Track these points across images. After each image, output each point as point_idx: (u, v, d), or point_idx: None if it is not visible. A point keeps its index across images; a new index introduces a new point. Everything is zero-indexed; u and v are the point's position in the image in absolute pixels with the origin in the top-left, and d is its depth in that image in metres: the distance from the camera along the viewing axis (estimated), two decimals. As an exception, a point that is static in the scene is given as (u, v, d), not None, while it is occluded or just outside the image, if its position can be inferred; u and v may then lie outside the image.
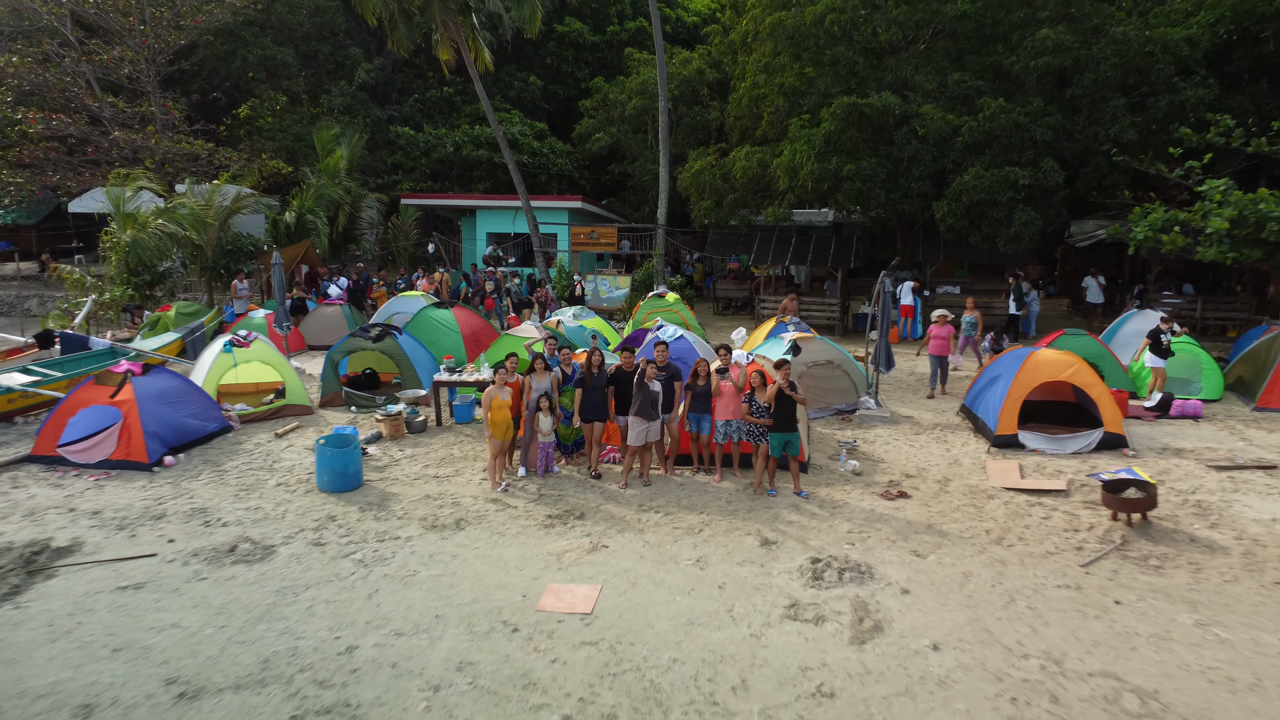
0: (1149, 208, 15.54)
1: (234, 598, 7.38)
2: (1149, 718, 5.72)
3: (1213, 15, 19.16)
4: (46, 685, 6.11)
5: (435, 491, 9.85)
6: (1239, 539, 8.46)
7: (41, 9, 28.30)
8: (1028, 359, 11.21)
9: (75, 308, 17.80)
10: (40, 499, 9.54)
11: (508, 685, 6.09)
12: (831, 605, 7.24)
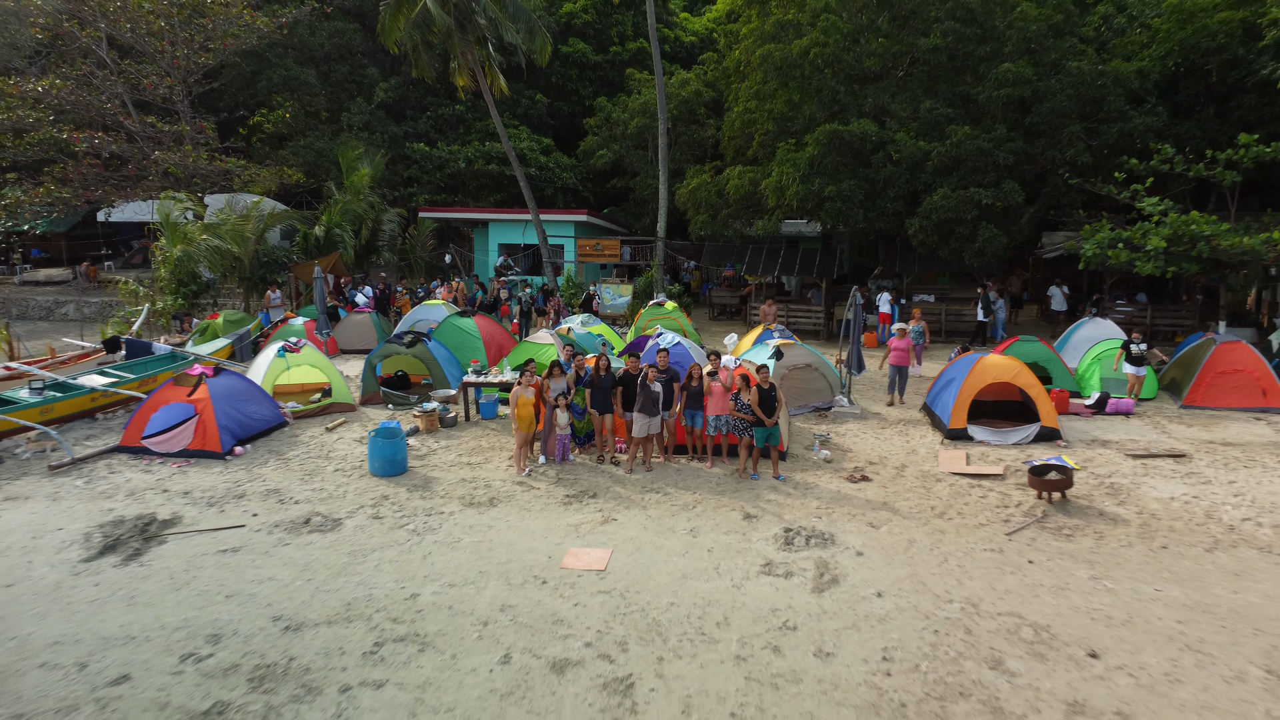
0: (1097, 226, 17.13)
1: (314, 558, 8.96)
2: (1039, 643, 7.32)
3: (1162, 49, 20.77)
4: (180, 621, 7.70)
5: (469, 476, 11.43)
6: (1139, 514, 10.05)
7: (80, 33, 29.80)
8: (977, 364, 12.80)
9: (133, 315, 19.33)
10: (136, 482, 11.11)
11: (541, 621, 7.68)
12: (798, 564, 8.83)
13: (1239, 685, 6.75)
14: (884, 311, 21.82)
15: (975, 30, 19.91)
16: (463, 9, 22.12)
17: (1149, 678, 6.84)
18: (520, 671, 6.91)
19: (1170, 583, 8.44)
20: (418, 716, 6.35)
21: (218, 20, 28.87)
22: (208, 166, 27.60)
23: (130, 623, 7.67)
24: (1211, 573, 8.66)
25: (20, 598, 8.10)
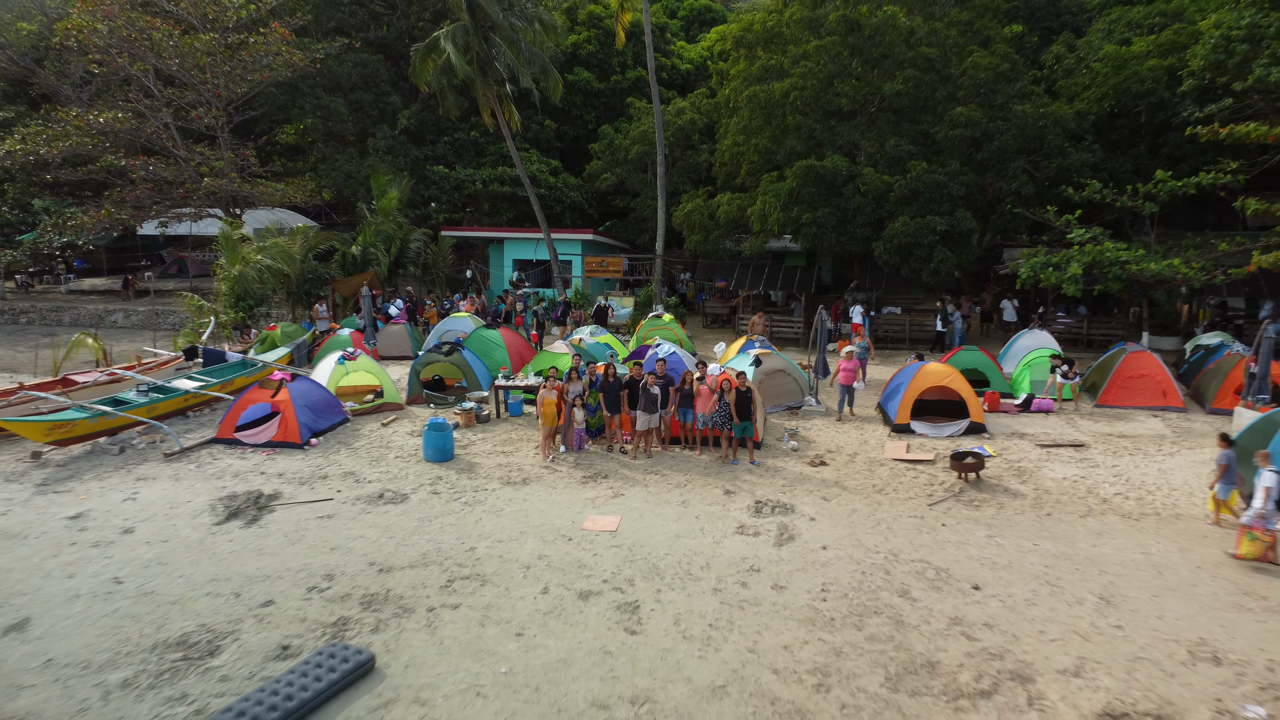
0: (1031, 251, 19.53)
1: (391, 523, 11.35)
2: (938, 580, 9.71)
3: (1099, 92, 23.19)
4: (300, 565, 10.08)
5: (504, 462, 13.82)
6: (1035, 490, 12.45)
7: (131, 67, 32.07)
8: (919, 371, 15.20)
9: (200, 327, 21.65)
10: (236, 466, 13.49)
11: (569, 566, 10.06)
12: (765, 527, 11.22)
13: (1077, 607, 9.16)
14: (856, 322, 24.16)
15: (934, 77, 22.30)
16: (483, 57, 24.51)
17: (1013, 602, 9.24)
18: (556, 598, 9.31)
19: (1046, 539, 10.84)
20: (485, 626, 8.74)
21: (257, 55, 31.19)
22: (250, 190, 29.95)
23: (263, 566, 10.06)
24: (1080, 532, 11.06)
25: (176, 550, 10.49)
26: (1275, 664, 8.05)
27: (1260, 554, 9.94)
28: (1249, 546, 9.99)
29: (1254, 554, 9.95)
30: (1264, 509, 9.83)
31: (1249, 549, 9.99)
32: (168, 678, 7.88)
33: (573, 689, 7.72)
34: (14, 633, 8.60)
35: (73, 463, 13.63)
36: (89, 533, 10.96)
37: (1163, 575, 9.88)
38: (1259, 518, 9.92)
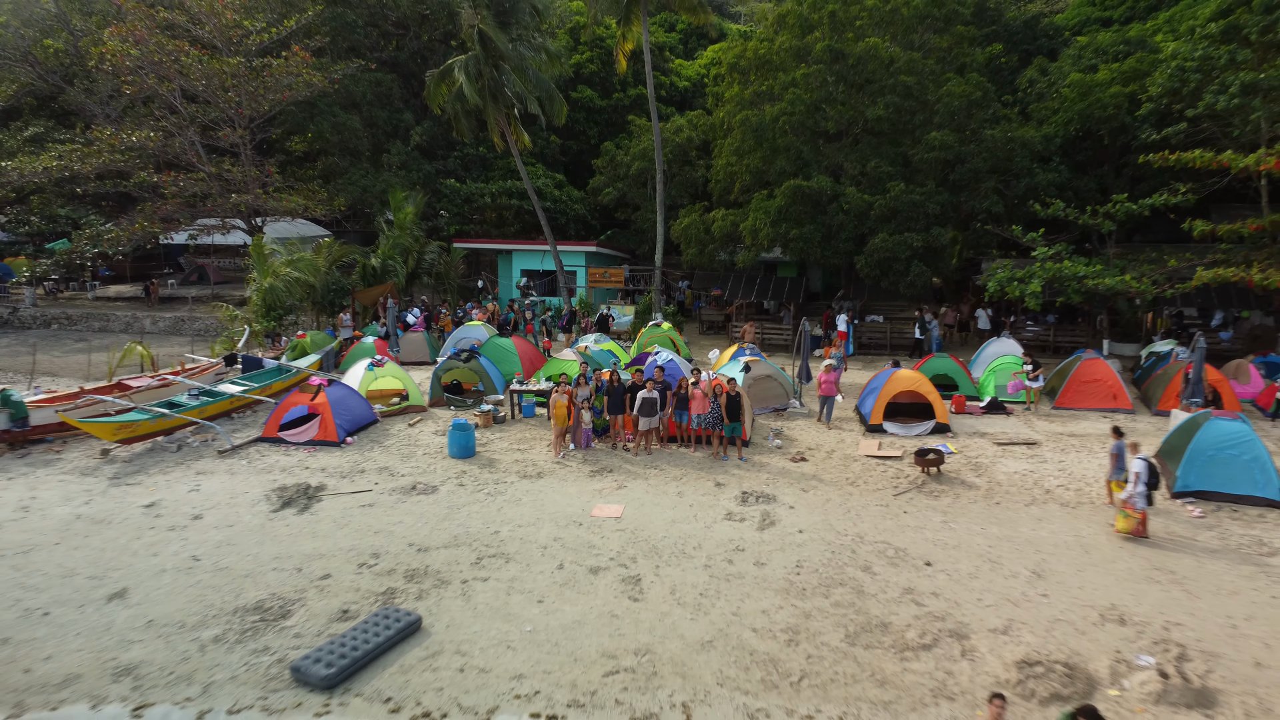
0: (998, 265, 21.05)
1: (425, 510, 12.85)
2: (896, 558, 11.21)
3: (1065, 116, 24.73)
4: (350, 545, 11.58)
5: (520, 458, 15.32)
6: (988, 482, 13.96)
7: (160, 89, 33.52)
8: (891, 376, 16.70)
9: (236, 336, 23.11)
10: (283, 462, 15.00)
11: (580, 546, 11.57)
12: (749, 514, 12.72)
13: (1012, 579, 10.67)
14: (841, 330, 25.66)
15: (912, 103, 23.79)
16: (494, 84, 26.02)
17: (959, 575, 10.76)
18: (570, 573, 10.82)
19: (993, 524, 12.36)
20: (511, 595, 10.26)
21: (279, 76, 32.64)
22: (274, 205, 31.47)
23: (318, 547, 11.57)
24: (1022, 518, 12.58)
25: (241, 534, 12.00)
26: (1170, 625, 9.57)
27: (1132, 528, 11.67)
28: (1123, 522, 11.75)
29: (1127, 528, 11.71)
30: (1134, 491, 11.52)
31: (1123, 524, 11.74)
32: (250, 634, 9.40)
33: (586, 643, 9.23)
34: (117, 600, 10.12)
35: (137, 459, 15.14)
36: (164, 519, 12.47)
37: (1088, 554, 11.39)
38: (1130, 498, 11.61)
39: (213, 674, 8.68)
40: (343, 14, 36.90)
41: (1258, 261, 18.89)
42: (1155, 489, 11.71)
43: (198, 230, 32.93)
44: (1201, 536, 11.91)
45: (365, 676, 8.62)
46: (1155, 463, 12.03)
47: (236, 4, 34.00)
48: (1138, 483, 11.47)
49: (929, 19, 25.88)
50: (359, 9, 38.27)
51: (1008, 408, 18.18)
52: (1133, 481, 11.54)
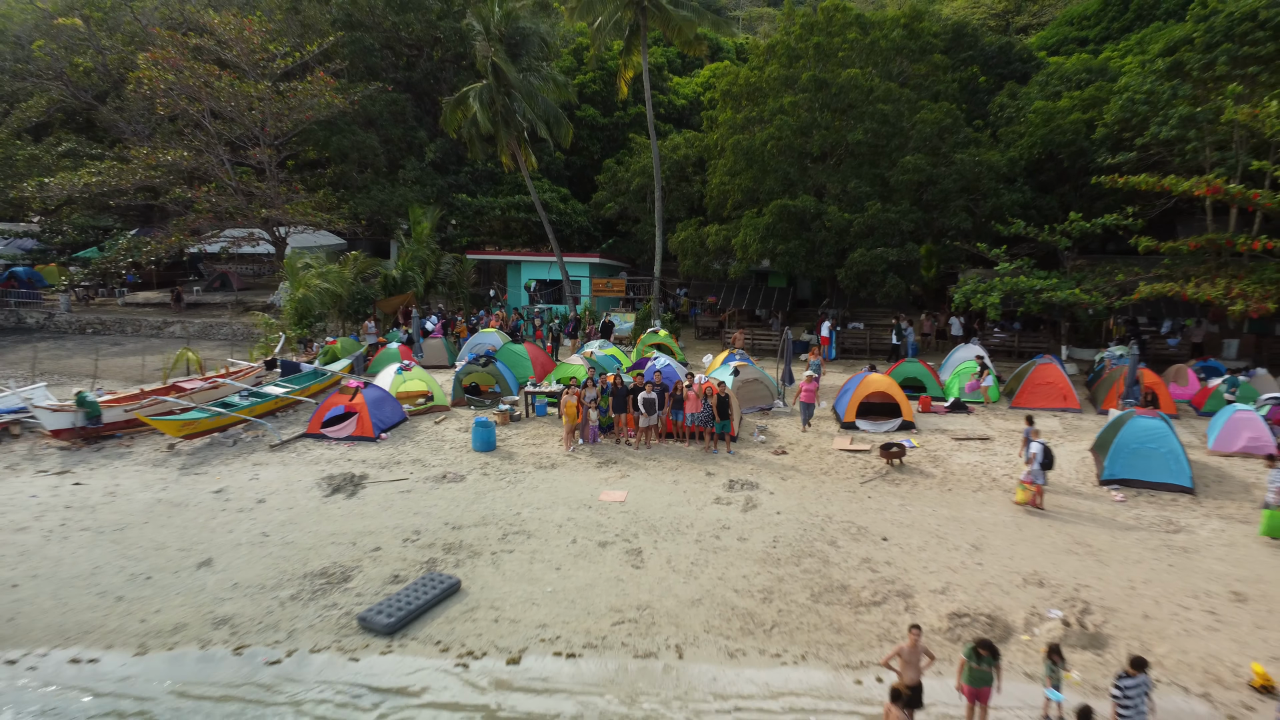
0: (963, 280, 22.87)
1: (455, 495, 14.65)
2: (858, 534, 13.02)
3: (1030, 141, 26.57)
4: (394, 524, 13.38)
5: (535, 451, 17.12)
6: (944, 472, 15.77)
7: (190, 109, 35.22)
8: (863, 380, 18.52)
9: (272, 341, 24.85)
10: (328, 455, 16.79)
11: (590, 525, 13.37)
12: (735, 498, 14.53)
13: (954, 551, 12.47)
14: (824, 336, 27.44)
15: (888, 129, 25.59)
16: (505, 111, 27.85)
17: (910, 548, 12.56)
18: (582, 546, 12.62)
19: (943, 507, 14.17)
20: (533, 564, 12.06)
21: (302, 98, 34.39)
22: (299, 217, 33.27)
23: (367, 525, 13.37)
24: (969, 502, 14.39)
25: (300, 515, 13.80)
26: (1080, 587, 11.38)
27: (1029, 499, 13.92)
28: (1021, 495, 14.00)
29: (1024, 500, 13.95)
30: (1032, 469, 13.80)
31: (1021, 496, 14.00)
32: (319, 594, 11.21)
33: (597, 600, 11.05)
34: (205, 567, 11.93)
35: (199, 452, 16.94)
36: (232, 502, 14.28)
37: (1021, 531, 13.21)
38: (1028, 475, 13.85)
39: (293, 623, 10.49)
40: (361, 38, 38.71)
41: (1194, 276, 20.70)
42: (1049, 469, 14.02)
43: (229, 242, 34.70)
44: (1120, 516, 13.74)
45: (418, 626, 10.44)
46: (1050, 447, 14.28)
47: (262, 30, 35.80)
48: (1034, 462, 13.74)
49: (905, 50, 27.70)
50: (375, 32, 40.08)
51: (969, 407, 19.99)
52: (1031, 461, 13.79)
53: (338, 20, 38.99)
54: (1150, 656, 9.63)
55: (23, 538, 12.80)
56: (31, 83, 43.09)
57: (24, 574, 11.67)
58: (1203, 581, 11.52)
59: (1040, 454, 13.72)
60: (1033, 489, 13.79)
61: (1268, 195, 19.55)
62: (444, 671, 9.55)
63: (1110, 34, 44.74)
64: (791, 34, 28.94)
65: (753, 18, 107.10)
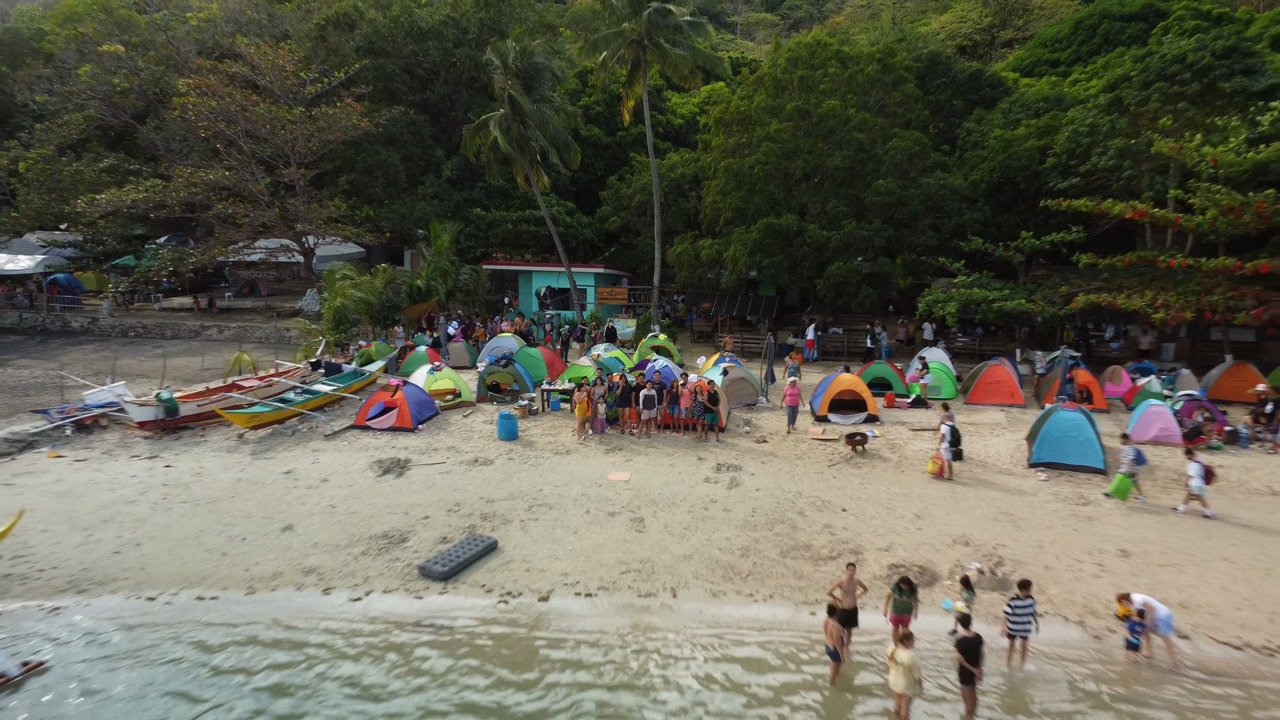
0: (927, 291, 25.30)
1: (487, 476, 17.04)
2: (823, 506, 15.43)
3: (990, 165, 29.00)
4: (438, 499, 15.78)
5: (552, 440, 19.51)
6: (899, 457, 18.17)
7: (226, 130, 37.53)
8: (835, 379, 20.92)
9: (314, 345, 27.20)
10: (375, 443, 19.16)
11: (600, 499, 15.78)
12: (722, 478, 16.92)
13: (900, 519, 14.87)
14: (810, 339, 29.84)
15: (864, 155, 27.97)
16: (520, 138, 30.29)
17: (864, 517, 14.97)
18: (593, 516, 15.02)
19: (895, 485, 16.57)
20: (554, 529, 14.46)
21: (331, 121, 36.75)
22: (331, 230, 35.70)
23: (415, 499, 15.77)
24: (918, 481, 16.77)
25: (359, 491, 16.20)
26: (998, 546, 13.75)
27: (937, 470, 16.72)
28: (931, 466, 16.86)
29: (933, 470, 16.77)
30: (941, 446, 16.56)
31: (931, 467, 16.86)
32: (384, 550, 13.61)
33: (607, 556, 13.45)
34: (288, 531, 14.32)
35: (264, 440, 19.33)
36: (300, 481, 16.68)
37: (958, 504, 15.61)
38: (940, 450, 16.64)
39: (367, 572, 12.90)
40: (383, 64, 41.09)
41: (1127, 288, 23.09)
42: (957, 445, 16.72)
43: (267, 253, 37.12)
44: (1041, 493, 16.14)
45: (465, 574, 12.84)
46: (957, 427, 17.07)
47: (294, 58, 38.20)
48: (943, 441, 16.48)
49: (880, 83, 30.10)
50: (395, 58, 42.43)
51: (929, 403, 22.40)
52: (942, 440, 16.50)
53: (361, 48, 41.33)
54: (1043, 596, 12.06)
55: (134, 509, 15.20)
56: (73, 103, 45.41)
57: (143, 536, 14.08)
58: (1098, 542, 13.92)
59: (949, 434, 16.42)
60: (940, 461, 16.65)
61: (1187, 218, 21.96)
62: (489, 606, 11.96)
63: (1080, 56, 47.05)
64: (778, 66, 31.34)
65: (750, 23, 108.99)
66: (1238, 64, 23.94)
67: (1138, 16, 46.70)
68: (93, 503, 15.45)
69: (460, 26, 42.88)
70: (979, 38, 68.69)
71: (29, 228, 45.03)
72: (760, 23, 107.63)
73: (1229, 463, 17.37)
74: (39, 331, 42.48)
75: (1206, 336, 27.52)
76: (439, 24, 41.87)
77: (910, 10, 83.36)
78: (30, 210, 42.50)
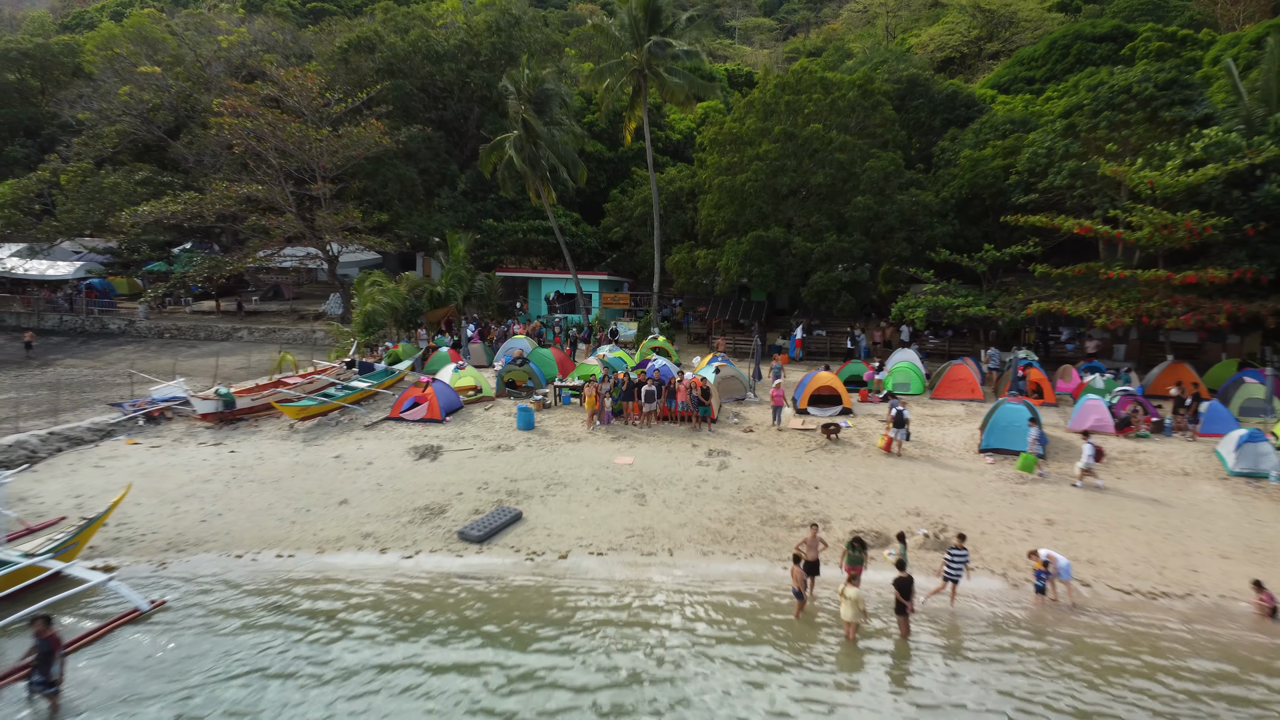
0: (901, 298, 27.58)
1: (509, 460, 19.28)
2: (799, 484, 17.67)
3: (959, 183, 31.26)
4: (469, 478, 18.02)
5: (564, 430, 21.75)
6: (868, 445, 20.39)
7: (258, 146, 39.67)
8: (814, 376, 23.18)
9: (346, 346, 29.43)
10: (409, 432, 21.39)
11: (607, 479, 18.02)
12: (713, 462, 19.15)
13: (864, 495, 17.12)
14: (798, 338, 32.06)
15: (844, 174, 30.21)
16: (532, 157, 32.58)
17: (833, 493, 17.21)
18: (602, 492, 17.26)
19: (862, 468, 18.80)
20: (570, 503, 16.72)
21: (356, 139, 38.92)
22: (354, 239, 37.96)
23: (449, 479, 18.01)
24: (881, 464, 19.02)
25: (400, 472, 18.43)
26: (944, 516, 15.99)
27: (885, 445, 19.10)
28: (880, 441, 19.25)
29: (881, 445, 19.16)
30: (891, 426, 18.92)
31: (880, 443, 19.23)
32: (426, 520, 15.85)
33: (614, 524, 15.69)
34: (344, 504, 16.56)
35: (312, 430, 21.56)
36: (349, 464, 18.92)
37: (914, 482, 17.86)
38: (889, 429, 19.06)
39: (414, 536, 15.15)
40: (402, 85, 43.30)
41: (1075, 296, 25.34)
42: (902, 427, 19.07)
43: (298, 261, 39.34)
44: (986, 474, 18.36)
45: (497, 538, 15.08)
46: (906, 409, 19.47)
47: (320, 80, 40.42)
48: (893, 424, 18.92)
49: (860, 107, 32.35)
50: (413, 79, 44.63)
51: (899, 399, 24.60)
52: (890, 418, 18.97)
53: (381, 69, 43.57)
54: (977, 556, 14.30)
55: (211, 486, 17.45)
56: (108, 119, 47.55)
57: (223, 508, 16.32)
58: (1028, 513, 16.17)
59: (896, 415, 18.91)
60: (887, 435, 19.26)
61: (1128, 234, 24.22)
62: (518, 563, 14.21)
63: (1054, 74, 49.23)
64: (767, 91, 33.58)
65: (748, 27, 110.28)
66: (1177, 95, 26.21)
67: (1108, 37, 48.93)
68: (174, 481, 17.69)
69: (474, 50, 45.09)
70: (966, 50, 70.27)
71: (68, 236, 47.19)
72: (758, 27, 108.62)
73: (1152, 449, 19.66)
74: (79, 333, 44.48)
75: (1154, 339, 29.76)
76: (454, 48, 44.09)
77: (904, 19, 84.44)
78: (71, 220, 44.64)
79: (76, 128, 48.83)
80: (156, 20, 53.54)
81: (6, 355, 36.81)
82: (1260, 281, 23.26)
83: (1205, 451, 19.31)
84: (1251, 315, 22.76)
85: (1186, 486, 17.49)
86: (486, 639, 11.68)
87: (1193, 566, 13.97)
